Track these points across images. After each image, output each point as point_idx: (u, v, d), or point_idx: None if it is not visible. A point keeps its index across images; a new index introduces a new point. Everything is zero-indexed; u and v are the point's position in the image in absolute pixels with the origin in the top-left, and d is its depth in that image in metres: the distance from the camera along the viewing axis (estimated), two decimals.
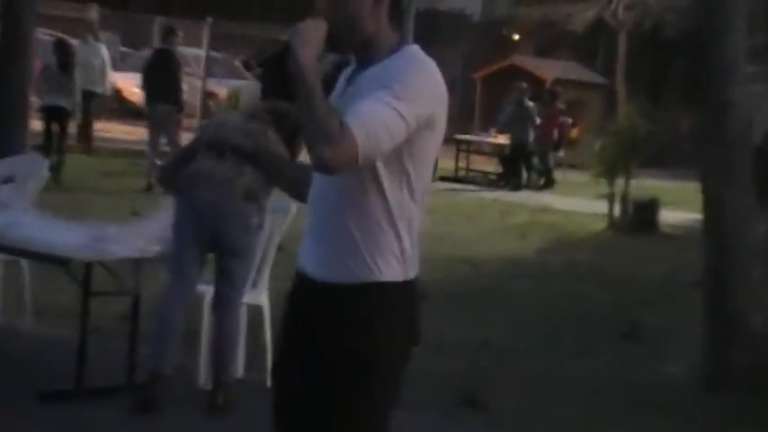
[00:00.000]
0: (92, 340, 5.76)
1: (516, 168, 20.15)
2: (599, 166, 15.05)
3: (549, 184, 20.29)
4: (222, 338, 5.73)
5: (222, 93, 22.94)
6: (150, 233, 5.83)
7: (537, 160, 20.44)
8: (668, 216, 14.99)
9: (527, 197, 18.14)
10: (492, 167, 20.98)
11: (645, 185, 15.67)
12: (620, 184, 14.69)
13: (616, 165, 14.68)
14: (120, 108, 23.15)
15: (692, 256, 7.64)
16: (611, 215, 14.73)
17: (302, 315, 3.08)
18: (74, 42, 16.74)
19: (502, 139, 20.60)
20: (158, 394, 5.57)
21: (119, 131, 20.96)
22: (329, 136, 2.73)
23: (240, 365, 6.05)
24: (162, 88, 14.56)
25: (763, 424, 6.33)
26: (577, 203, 16.98)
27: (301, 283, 3.07)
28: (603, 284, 10.30)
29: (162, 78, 14.57)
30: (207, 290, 5.93)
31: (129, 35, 27.10)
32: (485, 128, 23.20)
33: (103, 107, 19.10)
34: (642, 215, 14.62)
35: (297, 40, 2.82)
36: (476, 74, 28.62)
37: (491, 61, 28.42)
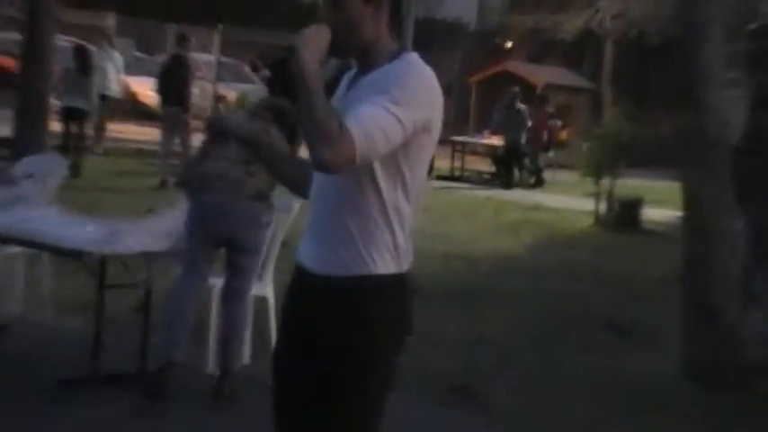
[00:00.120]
0: (107, 330, 5.75)
1: (509, 168, 20.17)
2: (586, 166, 15.07)
3: (539, 183, 20.32)
4: (230, 329, 5.72)
5: (231, 96, 22.93)
6: (163, 229, 5.82)
7: (528, 160, 20.47)
8: (651, 213, 14.96)
9: (519, 195, 18.12)
10: (486, 167, 21.00)
11: (630, 184, 15.64)
12: (606, 183, 14.71)
13: (602, 165, 14.70)
14: (134, 110, 23.15)
15: (673, 251, 7.58)
16: (597, 212, 14.75)
17: (301, 307, 3.07)
18: (91, 49, 16.80)
19: (495, 141, 20.63)
20: (169, 381, 5.57)
21: (132, 132, 20.94)
22: (328, 137, 2.71)
23: (247, 353, 6.04)
24: (174, 92, 14.61)
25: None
26: (566, 201, 16.98)
27: (300, 277, 3.06)
28: (595, 281, 10.21)
29: (175, 82, 14.62)
30: (216, 282, 5.94)
31: (144, 41, 27.13)
32: (479, 130, 23.23)
33: (116, 109, 19.11)
34: (626, 212, 14.63)
35: (301, 43, 2.81)
36: (471, 79, 28.63)
37: (485, 67, 28.44)
